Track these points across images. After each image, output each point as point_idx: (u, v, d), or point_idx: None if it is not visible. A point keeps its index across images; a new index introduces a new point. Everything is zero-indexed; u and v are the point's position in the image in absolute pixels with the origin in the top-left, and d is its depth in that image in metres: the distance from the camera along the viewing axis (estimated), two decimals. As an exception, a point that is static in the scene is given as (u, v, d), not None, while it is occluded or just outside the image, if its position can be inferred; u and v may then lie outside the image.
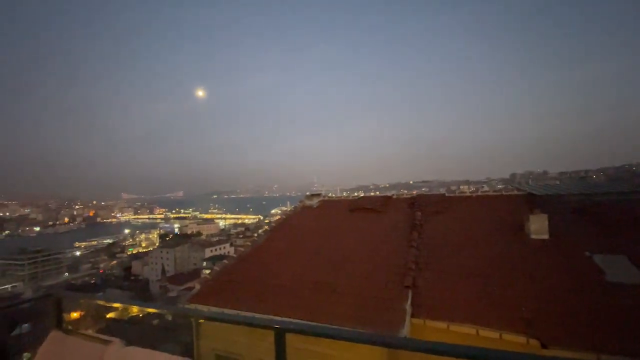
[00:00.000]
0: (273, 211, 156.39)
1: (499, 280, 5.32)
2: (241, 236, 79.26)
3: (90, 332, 1.80)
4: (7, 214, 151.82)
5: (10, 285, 63.26)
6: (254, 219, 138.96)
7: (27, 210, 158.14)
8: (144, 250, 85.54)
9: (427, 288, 5.42)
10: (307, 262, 6.85)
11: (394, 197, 9.49)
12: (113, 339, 1.59)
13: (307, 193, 11.77)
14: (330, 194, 11.80)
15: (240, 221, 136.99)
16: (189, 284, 46.82)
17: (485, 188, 13.51)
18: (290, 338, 1.32)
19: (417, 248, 6.32)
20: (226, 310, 5.72)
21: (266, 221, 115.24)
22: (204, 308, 6.17)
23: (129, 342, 1.59)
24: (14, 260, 70.51)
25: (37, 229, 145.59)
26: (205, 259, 59.96)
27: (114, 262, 78.69)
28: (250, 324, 1.32)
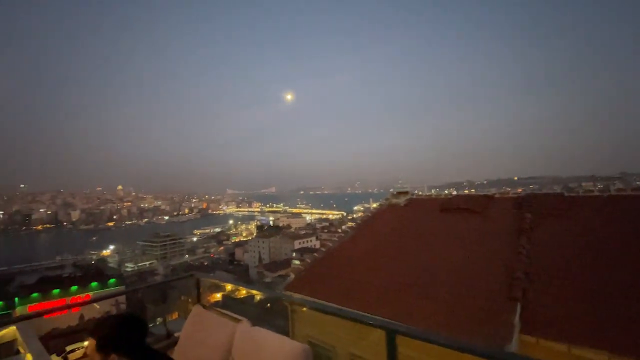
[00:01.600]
0: (356, 208, 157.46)
1: (643, 301, 4.26)
2: (326, 231, 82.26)
3: (220, 309, 2.18)
4: (145, 205, 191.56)
5: (149, 262, 79.87)
6: (337, 214, 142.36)
7: (159, 203, 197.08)
8: (244, 239, 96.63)
9: (541, 302, 4.71)
10: (394, 263, 6.73)
11: (496, 195, 8.47)
12: (241, 317, 1.89)
13: (391, 190, 11.45)
14: (416, 192, 11.23)
15: (324, 216, 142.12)
16: (281, 272, 51.16)
17: (619, 185, 10.86)
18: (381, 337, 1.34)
19: (527, 256, 5.53)
20: (316, 301, 6.05)
21: (349, 217, 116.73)
22: (298, 296, 6.67)
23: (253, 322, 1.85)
24: (151, 242, 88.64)
25: (166, 217, 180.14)
26: (294, 250, 64.38)
27: (222, 248, 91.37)
28: (360, 321, 1.39)
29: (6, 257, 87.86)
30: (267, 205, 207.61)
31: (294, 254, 62.50)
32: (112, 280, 35.09)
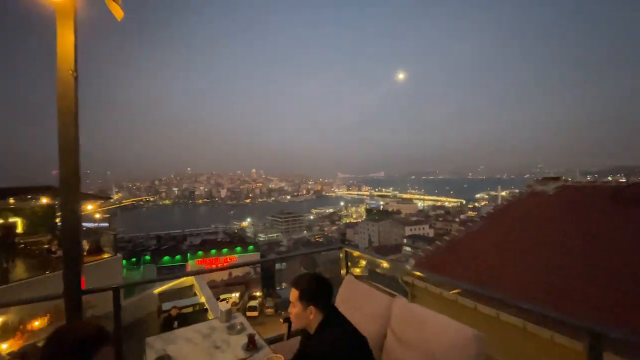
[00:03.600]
0: (479, 195, 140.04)
1: None
2: (440, 219, 76.88)
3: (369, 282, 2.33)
4: (272, 185, 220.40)
5: (275, 235, 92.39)
6: (454, 202, 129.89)
7: (282, 184, 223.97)
8: (354, 221, 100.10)
9: None
10: (542, 261, 5.70)
11: None
12: (395, 293, 1.98)
13: (527, 175, 9.61)
14: (562, 178, 9.06)
15: (439, 203, 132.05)
16: (391, 256, 50.98)
17: None
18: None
19: None
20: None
21: (469, 206, 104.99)
22: (421, 284, 6.49)
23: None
24: (277, 218, 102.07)
25: (288, 197, 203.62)
26: (405, 236, 62.88)
27: (334, 227, 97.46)
28: (558, 319, 1.23)
29: (180, 222, 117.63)
30: (376, 190, 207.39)
31: (404, 240, 61.16)
32: (250, 247, 42.31)
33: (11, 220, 11.68)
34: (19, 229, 11.59)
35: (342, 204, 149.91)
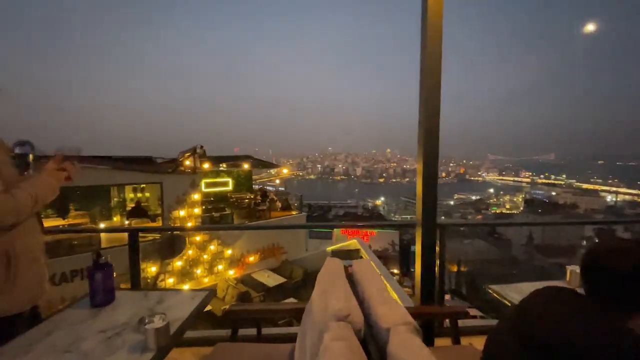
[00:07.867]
0: None
1: None
2: (646, 220, 55.58)
3: None
4: (407, 166, 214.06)
5: (409, 217, 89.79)
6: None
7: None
8: (507, 212, 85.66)
9: None
10: None
11: None
12: None
13: None
14: None
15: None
16: (560, 259, 41.12)
17: None
18: None
19: None
20: None
21: None
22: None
23: None
24: (411, 199, 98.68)
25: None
26: (584, 237, 49.41)
27: (480, 216, 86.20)
28: None
29: (324, 195, 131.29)
30: (541, 176, 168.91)
31: (584, 242, 48.06)
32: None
33: (224, 179, 15.43)
34: (230, 187, 15.22)
35: (491, 190, 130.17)
